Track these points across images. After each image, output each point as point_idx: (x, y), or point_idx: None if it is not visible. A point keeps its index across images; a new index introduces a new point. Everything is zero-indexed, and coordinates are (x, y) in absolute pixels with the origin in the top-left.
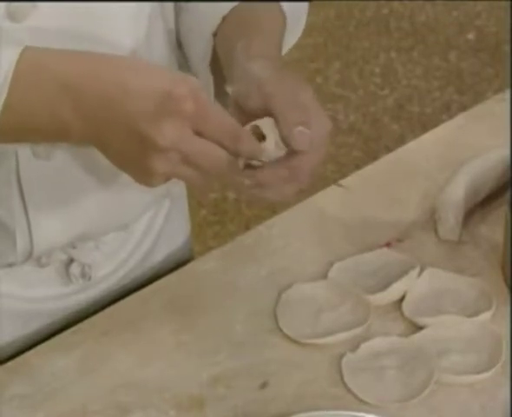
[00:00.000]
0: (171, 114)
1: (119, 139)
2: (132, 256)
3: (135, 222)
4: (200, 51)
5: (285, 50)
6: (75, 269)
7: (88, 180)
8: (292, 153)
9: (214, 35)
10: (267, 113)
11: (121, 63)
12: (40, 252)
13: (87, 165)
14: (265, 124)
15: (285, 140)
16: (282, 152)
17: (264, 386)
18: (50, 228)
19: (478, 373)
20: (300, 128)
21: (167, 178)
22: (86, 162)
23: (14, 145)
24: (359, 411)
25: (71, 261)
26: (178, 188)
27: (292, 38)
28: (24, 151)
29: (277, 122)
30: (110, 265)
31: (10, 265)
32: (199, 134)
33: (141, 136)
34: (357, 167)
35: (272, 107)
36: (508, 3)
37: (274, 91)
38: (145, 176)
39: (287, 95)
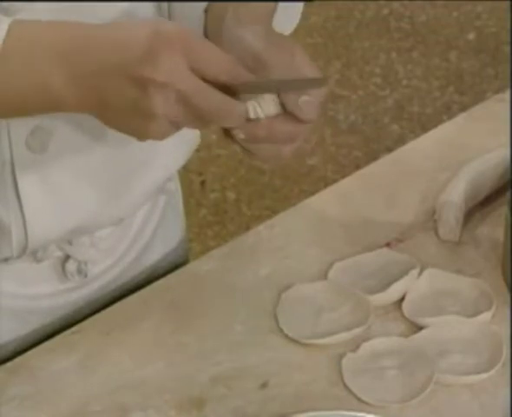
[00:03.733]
0: (162, 49)
1: (114, 92)
2: (128, 253)
3: (130, 217)
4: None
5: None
6: (71, 266)
7: (83, 173)
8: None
9: (205, 12)
10: None
11: (107, 23)
12: (35, 246)
13: (81, 158)
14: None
15: (290, 111)
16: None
17: (264, 386)
18: (45, 222)
19: (478, 373)
20: (305, 97)
21: (169, 125)
22: (80, 156)
23: (8, 119)
24: (359, 411)
25: (67, 257)
26: (173, 183)
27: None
28: (18, 144)
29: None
30: (106, 262)
31: (6, 260)
32: (194, 71)
33: (136, 79)
34: (357, 167)
35: (271, 76)
36: (509, 3)
37: (271, 60)
38: (146, 125)
39: (284, 62)
